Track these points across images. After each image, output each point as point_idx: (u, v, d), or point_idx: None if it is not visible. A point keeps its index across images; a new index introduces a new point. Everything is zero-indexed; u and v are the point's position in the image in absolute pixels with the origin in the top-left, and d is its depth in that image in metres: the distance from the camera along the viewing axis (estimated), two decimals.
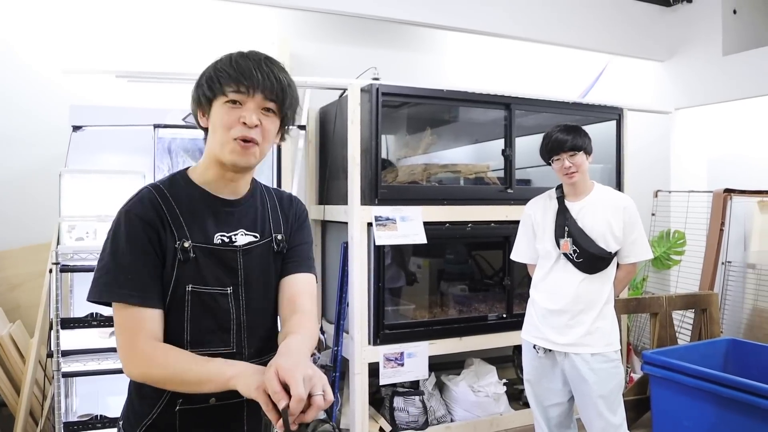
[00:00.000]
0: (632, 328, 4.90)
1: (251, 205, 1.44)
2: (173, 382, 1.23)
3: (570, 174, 2.64)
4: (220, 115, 1.28)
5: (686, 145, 5.15)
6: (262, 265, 1.42)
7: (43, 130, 3.61)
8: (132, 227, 1.27)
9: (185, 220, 1.32)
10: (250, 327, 1.39)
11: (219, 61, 1.32)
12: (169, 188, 1.35)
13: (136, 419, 1.35)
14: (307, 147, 4.16)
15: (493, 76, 4.98)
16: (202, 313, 1.32)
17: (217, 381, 1.18)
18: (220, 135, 1.29)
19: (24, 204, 3.59)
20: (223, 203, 1.38)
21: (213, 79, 1.29)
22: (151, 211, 1.29)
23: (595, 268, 2.64)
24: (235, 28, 4.11)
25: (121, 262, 1.26)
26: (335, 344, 3.66)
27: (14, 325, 3.34)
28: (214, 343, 1.34)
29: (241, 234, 1.39)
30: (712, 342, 3.85)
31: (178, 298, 1.30)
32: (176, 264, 1.30)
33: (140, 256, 1.27)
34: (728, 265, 4.66)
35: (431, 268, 4.35)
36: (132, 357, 1.25)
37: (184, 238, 1.30)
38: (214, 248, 1.34)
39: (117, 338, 1.28)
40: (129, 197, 1.34)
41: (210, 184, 1.37)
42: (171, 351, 1.25)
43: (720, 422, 3.19)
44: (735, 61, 4.54)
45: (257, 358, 1.39)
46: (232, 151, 1.29)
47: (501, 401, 3.92)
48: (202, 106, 1.33)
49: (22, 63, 3.61)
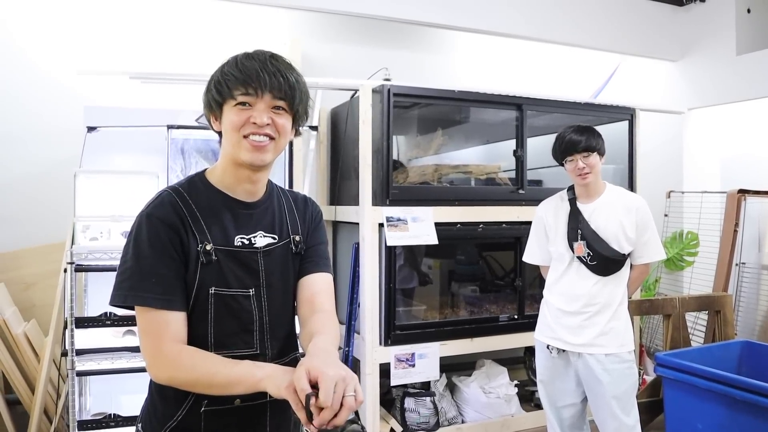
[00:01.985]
0: (645, 329, 4.87)
1: (269, 207, 1.45)
2: (200, 385, 1.24)
3: (583, 175, 2.63)
4: (231, 118, 1.30)
5: (699, 146, 5.12)
6: (281, 266, 1.43)
7: (58, 131, 3.65)
8: (154, 230, 1.28)
9: (206, 223, 1.33)
10: (272, 328, 1.40)
11: (225, 65, 1.33)
12: (189, 191, 1.35)
13: (158, 421, 1.35)
14: (318, 147, 4.17)
15: (504, 77, 4.97)
16: (226, 315, 1.33)
17: (247, 383, 1.19)
18: (233, 136, 1.31)
19: (39, 204, 3.62)
20: (241, 205, 1.39)
21: (221, 83, 1.30)
22: (172, 214, 1.30)
23: (609, 271, 2.63)
24: (247, 29, 4.13)
25: (144, 266, 1.26)
26: (346, 345, 3.66)
27: (29, 324, 3.37)
28: (237, 344, 1.34)
29: (260, 236, 1.40)
30: (726, 344, 3.82)
31: (202, 300, 1.31)
32: (199, 267, 1.30)
33: (163, 259, 1.27)
34: (742, 267, 4.62)
35: (442, 268, 4.35)
36: (158, 361, 1.26)
37: (206, 241, 1.31)
38: (235, 250, 1.35)
39: (141, 342, 1.28)
40: (149, 200, 1.35)
41: (228, 186, 1.38)
42: (197, 354, 1.26)
43: (734, 425, 3.16)
44: (749, 60, 4.50)
45: (279, 358, 1.41)
46: (246, 150, 1.30)
47: (512, 402, 3.91)
48: (214, 111, 1.35)
49: (37, 65, 3.65)
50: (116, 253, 3.10)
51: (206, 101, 1.36)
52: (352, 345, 3.65)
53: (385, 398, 3.76)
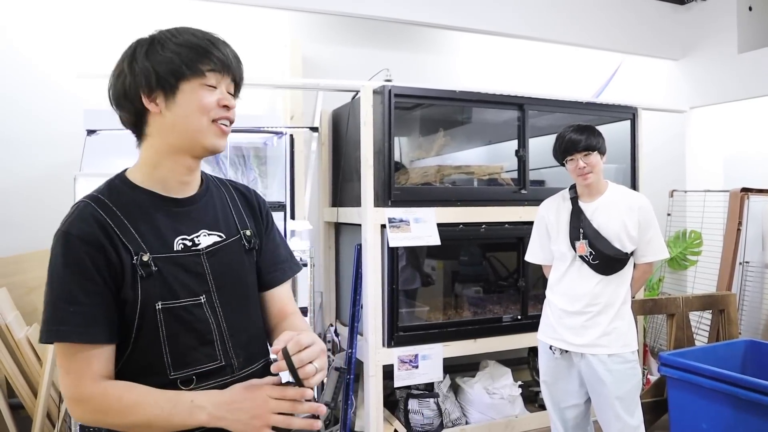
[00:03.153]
0: (649, 329, 4.86)
1: (208, 201, 1.30)
2: (137, 428, 1.12)
3: (584, 174, 2.62)
4: (197, 99, 1.17)
5: (702, 144, 5.10)
6: (233, 266, 1.28)
7: (58, 135, 3.65)
8: (71, 251, 1.11)
9: (137, 231, 1.17)
10: (233, 335, 1.25)
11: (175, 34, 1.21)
12: (110, 197, 1.19)
13: None
14: (320, 149, 4.17)
15: (506, 77, 4.96)
16: (180, 330, 1.18)
17: (190, 427, 1.11)
18: (198, 120, 1.18)
19: (41, 208, 3.62)
20: (176, 203, 1.24)
21: (180, 55, 1.17)
22: (93, 228, 1.13)
23: (611, 270, 2.62)
24: (247, 32, 4.13)
25: (60, 294, 1.11)
26: (349, 346, 3.65)
27: (31, 328, 3.37)
28: (199, 360, 1.20)
29: (203, 235, 1.25)
30: (730, 343, 3.81)
31: (149, 319, 1.15)
32: (138, 281, 1.14)
33: (82, 283, 1.11)
34: (746, 266, 4.61)
35: (445, 269, 4.34)
36: (80, 404, 1.12)
37: (141, 251, 1.15)
38: (177, 256, 1.20)
39: (61, 379, 1.13)
40: (66, 215, 1.18)
41: (160, 183, 1.23)
42: (126, 394, 1.11)
43: (738, 424, 3.15)
44: (751, 58, 4.49)
45: (248, 367, 1.28)
46: (216, 135, 1.20)
47: (516, 403, 3.90)
48: (160, 88, 1.17)
49: (36, 68, 3.64)
50: None
51: (149, 73, 1.17)
52: (355, 347, 3.64)
53: (388, 400, 3.75)
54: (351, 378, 3.62)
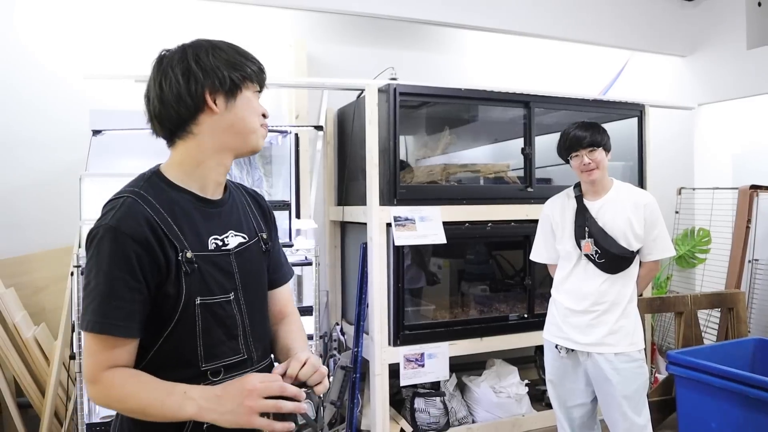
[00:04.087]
0: (657, 327, 4.83)
1: (232, 204, 1.37)
2: (137, 415, 1.19)
3: (589, 171, 2.60)
4: (254, 103, 1.29)
5: (710, 142, 5.07)
6: (254, 266, 1.37)
7: (65, 135, 3.66)
8: (119, 247, 1.15)
9: (180, 229, 1.22)
10: (254, 330, 1.34)
11: (233, 45, 1.30)
12: (153, 194, 1.23)
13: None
14: (325, 148, 4.17)
15: (512, 75, 4.94)
16: (213, 325, 1.26)
17: (181, 418, 1.16)
18: (252, 122, 1.28)
19: (48, 208, 3.64)
20: (209, 204, 1.30)
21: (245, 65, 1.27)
22: (143, 226, 1.17)
23: (617, 268, 2.60)
24: (252, 31, 4.13)
25: (107, 288, 1.15)
26: (355, 345, 3.65)
27: (39, 328, 3.38)
28: (226, 353, 1.28)
29: (231, 236, 1.32)
30: (739, 342, 3.78)
31: (189, 313, 1.22)
32: (182, 277, 1.20)
33: (127, 280, 1.15)
34: (755, 263, 4.57)
35: (451, 268, 4.33)
36: (94, 385, 1.18)
37: (185, 249, 1.21)
38: (211, 254, 1.27)
39: (84, 361, 1.22)
40: (108, 206, 1.21)
41: (197, 182, 1.29)
42: (129, 382, 1.17)
43: (747, 423, 3.12)
44: (760, 54, 4.45)
45: (264, 361, 1.38)
46: (263, 136, 1.31)
47: (523, 402, 3.88)
48: (230, 89, 1.25)
49: (43, 69, 3.66)
50: None
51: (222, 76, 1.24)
52: (361, 345, 3.64)
53: (394, 399, 3.75)
54: (357, 377, 3.62)
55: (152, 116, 1.29)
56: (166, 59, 1.27)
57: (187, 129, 1.26)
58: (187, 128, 1.26)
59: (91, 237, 1.19)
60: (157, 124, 1.29)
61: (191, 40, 1.30)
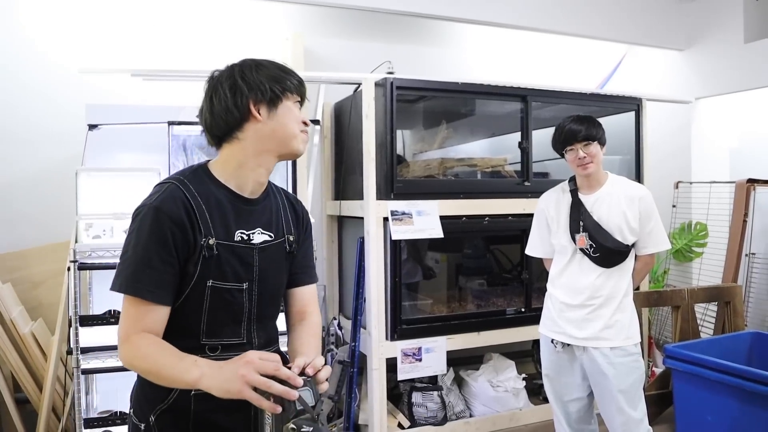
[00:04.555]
0: (654, 321, 4.84)
1: (267, 205, 1.51)
2: (152, 376, 1.31)
3: (584, 165, 2.59)
4: (295, 112, 1.44)
5: (707, 135, 5.07)
6: (275, 263, 1.49)
7: (61, 130, 3.64)
8: (158, 224, 1.32)
9: (211, 218, 1.38)
10: (260, 320, 1.47)
11: (275, 63, 1.46)
12: (194, 184, 1.40)
13: (149, 405, 1.40)
14: (322, 142, 4.16)
15: (509, 69, 4.93)
16: (219, 307, 1.39)
17: (186, 382, 1.25)
18: (294, 128, 1.43)
19: (45, 203, 3.62)
20: (243, 201, 1.45)
21: (285, 78, 1.43)
22: (180, 209, 1.34)
23: (612, 262, 2.60)
24: (249, 25, 4.11)
25: (142, 257, 1.31)
26: (353, 340, 3.65)
27: (36, 323, 3.38)
28: (227, 334, 1.42)
29: (258, 232, 1.46)
30: (736, 335, 3.78)
31: (198, 292, 1.37)
32: (200, 260, 1.36)
33: (161, 254, 1.32)
34: (752, 257, 4.58)
35: (448, 262, 4.33)
36: (125, 346, 1.31)
37: (210, 236, 1.37)
38: (235, 245, 1.41)
39: (120, 323, 1.34)
40: (154, 190, 1.40)
41: (238, 180, 1.44)
42: (153, 345, 1.30)
43: (744, 417, 3.13)
44: (757, 48, 4.45)
45: (266, 347, 1.49)
46: (303, 141, 1.46)
47: (520, 396, 3.89)
48: (266, 101, 1.40)
49: (39, 63, 3.64)
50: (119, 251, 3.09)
51: (264, 89, 1.40)
52: (359, 340, 3.64)
53: (392, 393, 3.76)
54: (354, 371, 3.63)
55: (205, 128, 1.46)
56: (216, 78, 1.44)
57: (234, 135, 1.42)
58: (234, 134, 1.42)
59: (136, 213, 1.36)
60: (208, 134, 1.46)
61: (239, 60, 1.47)
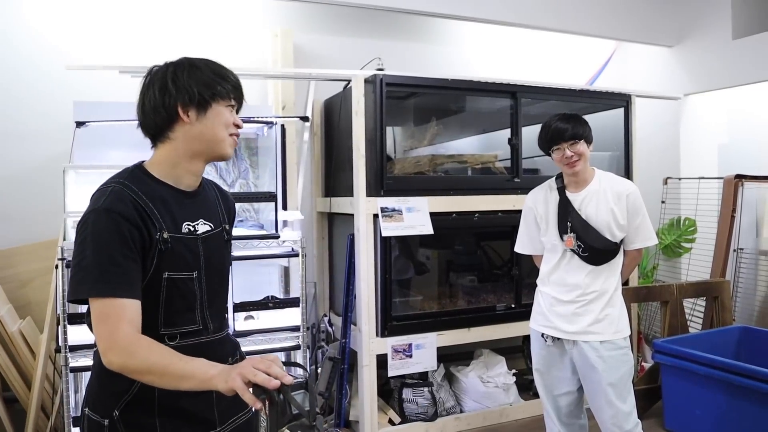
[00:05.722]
0: (643, 316, 4.86)
1: (205, 197, 1.59)
2: (153, 374, 1.29)
3: (571, 164, 2.60)
4: (224, 116, 1.47)
5: (696, 131, 5.09)
6: (217, 251, 1.57)
7: (49, 127, 3.61)
8: (114, 224, 1.34)
9: (159, 213, 1.42)
10: (211, 306, 1.53)
11: (207, 62, 1.49)
12: (135, 184, 1.43)
13: (112, 398, 1.41)
14: (312, 139, 4.15)
15: (499, 66, 4.93)
16: (175, 297, 1.44)
17: (200, 378, 1.26)
18: (221, 132, 1.47)
19: (34, 200, 3.60)
20: (184, 195, 1.51)
21: (216, 83, 1.46)
22: (131, 208, 1.37)
23: (601, 260, 2.61)
24: (237, 21, 4.10)
25: (107, 258, 1.32)
26: (343, 336, 3.65)
27: (24, 322, 3.36)
28: (184, 322, 1.47)
29: (201, 223, 1.53)
30: (724, 330, 3.82)
31: (155, 284, 1.41)
32: (156, 253, 1.40)
33: (125, 251, 1.34)
34: (740, 252, 4.61)
35: (439, 258, 4.34)
36: (113, 346, 1.30)
37: (163, 229, 1.42)
38: (183, 237, 1.47)
39: (96, 330, 1.32)
40: (98, 195, 1.40)
41: (174, 178, 1.49)
42: (154, 344, 1.32)
43: (732, 410, 3.16)
44: (745, 45, 4.47)
45: (219, 332, 1.56)
46: (230, 145, 1.50)
47: (510, 392, 3.90)
48: (192, 104, 1.43)
49: (26, 60, 3.61)
50: None
51: (192, 92, 1.43)
52: (349, 336, 3.64)
53: (383, 389, 3.76)
54: (345, 368, 3.63)
55: (139, 123, 1.50)
56: (150, 76, 1.48)
57: (165, 135, 1.46)
58: (165, 134, 1.46)
59: (84, 220, 1.37)
60: (143, 130, 1.50)
61: (177, 58, 1.50)
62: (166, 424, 1.43)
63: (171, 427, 1.44)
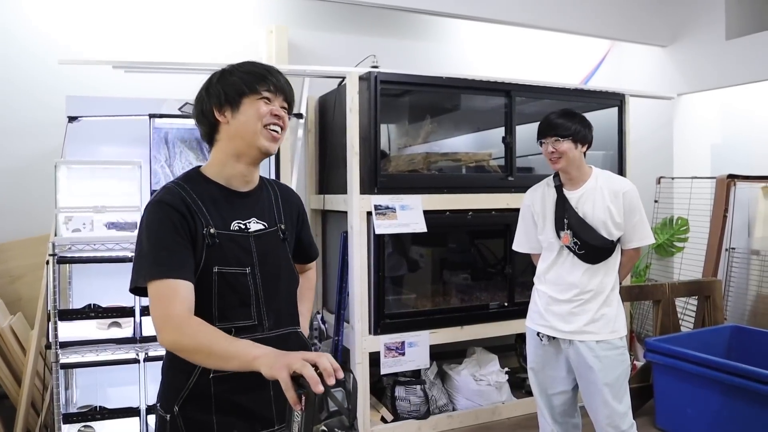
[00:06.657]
0: (635, 315, 4.88)
1: (260, 197, 1.63)
2: (200, 353, 1.33)
3: (552, 160, 2.60)
4: (256, 109, 1.50)
5: (689, 131, 5.11)
6: (271, 249, 1.60)
7: (41, 122, 3.59)
8: (164, 213, 1.44)
9: (207, 210, 1.50)
10: (267, 302, 1.56)
11: (236, 67, 1.56)
12: (189, 184, 1.53)
13: (173, 394, 1.48)
14: (306, 136, 4.14)
15: (494, 64, 4.93)
16: (227, 291, 1.49)
17: (243, 359, 1.27)
18: (254, 125, 1.50)
19: (25, 196, 3.58)
20: (237, 195, 1.57)
21: (243, 79, 1.52)
22: (179, 202, 1.47)
23: (598, 259, 2.60)
24: (232, 17, 4.08)
25: (156, 244, 1.42)
26: (336, 334, 3.65)
27: (15, 318, 3.34)
28: (237, 316, 1.50)
29: (253, 222, 1.58)
30: (716, 329, 3.83)
31: (207, 278, 1.47)
32: (204, 248, 1.47)
33: (174, 236, 1.43)
34: (732, 252, 4.63)
35: (432, 257, 4.33)
36: (167, 323, 1.36)
37: (210, 225, 1.49)
38: (232, 234, 1.53)
39: (153, 312, 1.39)
40: (154, 194, 1.53)
41: (226, 178, 1.56)
42: (203, 324, 1.37)
43: (724, 409, 3.18)
44: (738, 45, 4.49)
45: (276, 329, 1.57)
46: (266, 138, 1.52)
47: (503, 390, 3.91)
48: (226, 104, 1.51)
49: (18, 54, 3.58)
50: (99, 245, 3.07)
51: (220, 94, 1.51)
52: (342, 334, 3.64)
53: (375, 387, 3.76)
54: None
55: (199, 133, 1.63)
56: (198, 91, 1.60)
57: (214, 138, 1.57)
58: (213, 138, 1.57)
59: (141, 217, 1.49)
60: (202, 138, 1.62)
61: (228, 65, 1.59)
62: (222, 420, 1.47)
63: (228, 424, 1.47)
